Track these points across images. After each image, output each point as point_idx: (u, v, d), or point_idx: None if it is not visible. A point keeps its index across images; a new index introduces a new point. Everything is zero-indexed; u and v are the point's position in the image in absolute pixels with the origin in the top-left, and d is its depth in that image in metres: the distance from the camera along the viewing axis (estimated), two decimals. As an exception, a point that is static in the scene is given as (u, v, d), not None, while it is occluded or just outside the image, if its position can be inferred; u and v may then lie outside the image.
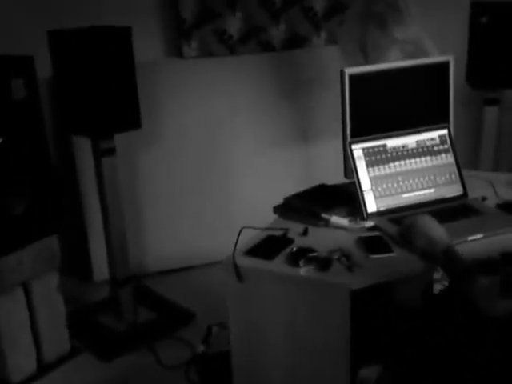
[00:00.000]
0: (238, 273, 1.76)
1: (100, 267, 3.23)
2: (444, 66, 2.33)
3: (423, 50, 3.04)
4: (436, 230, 1.79)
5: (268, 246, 1.87)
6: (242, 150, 3.53)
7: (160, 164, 3.37)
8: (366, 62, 3.13)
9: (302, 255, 1.75)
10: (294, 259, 1.75)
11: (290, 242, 1.89)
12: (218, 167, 3.49)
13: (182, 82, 3.36)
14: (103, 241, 2.86)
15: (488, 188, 2.31)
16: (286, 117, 3.60)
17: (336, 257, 1.76)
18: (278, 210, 2.16)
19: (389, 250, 1.81)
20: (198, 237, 3.47)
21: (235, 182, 3.54)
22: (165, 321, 2.97)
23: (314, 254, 1.75)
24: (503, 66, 3.19)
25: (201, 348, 2.68)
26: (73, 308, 2.96)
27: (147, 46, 3.22)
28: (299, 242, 1.90)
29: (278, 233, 1.97)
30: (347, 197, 2.16)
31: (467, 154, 3.14)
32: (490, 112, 3.43)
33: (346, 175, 2.21)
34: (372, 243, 1.86)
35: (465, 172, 2.21)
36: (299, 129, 3.65)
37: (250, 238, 1.96)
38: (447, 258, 1.70)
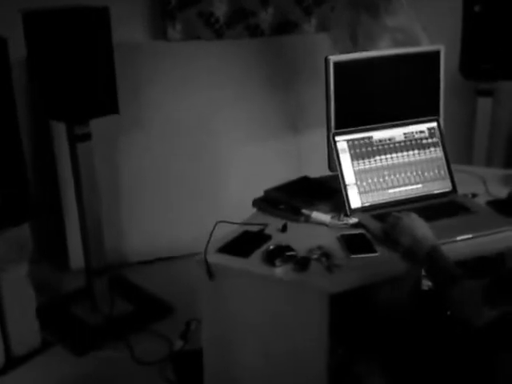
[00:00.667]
0: (209, 271, 1.66)
1: (77, 254, 3.11)
2: (435, 56, 2.22)
3: (414, 39, 2.96)
4: (421, 228, 1.69)
5: (243, 243, 1.77)
6: (229, 138, 3.42)
7: (142, 152, 3.26)
8: (356, 51, 3.03)
9: (278, 254, 1.65)
10: (271, 258, 1.65)
11: (268, 238, 1.79)
12: (203, 156, 3.38)
13: (167, 66, 3.24)
14: (80, 227, 2.75)
15: (479, 184, 2.22)
16: (275, 105, 3.49)
17: (315, 256, 1.66)
18: (257, 203, 2.06)
19: (371, 250, 1.71)
20: (181, 227, 3.36)
21: (221, 171, 3.43)
22: (142, 314, 2.87)
23: (292, 253, 1.65)
24: (497, 56, 3.10)
25: (179, 344, 2.58)
26: (46, 297, 2.85)
27: (130, 28, 3.14)
28: (277, 238, 1.79)
29: (256, 228, 1.86)
30: (331, 191, 2.06)
31: (459, 148, 3.05)
32: (484, 103, 3.33)
33: (329, 168, 2.11)
34: (354, 242, 1.76)
35: (455, 167, 2.12)
36: (289, 118, 3.55)
37: (226, 233, 1.86)
38: (431, 259, 1.61)
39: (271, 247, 1.69)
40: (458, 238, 1.77)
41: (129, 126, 3.16)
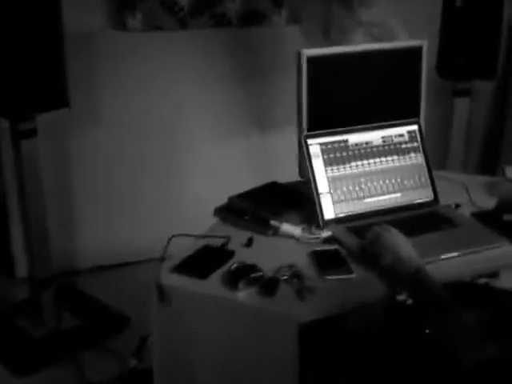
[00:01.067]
0: (162, 294, 1.44)
1: (23, 262, 2.86)
2: (416, 52, 2.03)
3: (391, 35, 2.78)
4: (404, 246, 1.50)
5: (203, 260, 1.55)
6: (191, 136, 3.19)
7: (97, 150, 3.02)
8: (329, 45, 2.84)
9: (242, 275, 1.44)
10: (233, 280, 1.43)
11: (230, 255, 1.57)
12: (162, 156, 3.16)
13: (126, 58, 3.01)
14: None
15: (461, 192, 2.04)
16: (242, 101, 3.28)
17: (284, 277, 1.45)
18: (219, 212, 1.84)
19: (347, 270, 1.51)
20: (138, 230, 3.14)
21: (181, 173, 3.21)
22: (93, 327, 2.63)
23: (258, 274, 1.43)
24: (476, 54, 2.94)
25: (132, 362, 2.35)
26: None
27: (86, 16, 2.87)
28: (241, 255, 1.58)
29: (218, 242, 1.65)
30: (302, 199, 1.86)
31: (434, 150, 2.88)
32: (461, 104, 3.17)
33: (300, 174, 1.91)
34: (328, 260, 1.56)
35: (434, 173, 1.93)
36: (256, 115, 3.33)
37: (184, 245, 1.64)
38: (416, 282, 1.42)
39: (234, 266, 1.47)
40: (443, 257, 1.58)
41: (83, 122, 2.93)
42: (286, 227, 1.70)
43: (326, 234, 1.70)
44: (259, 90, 3.31)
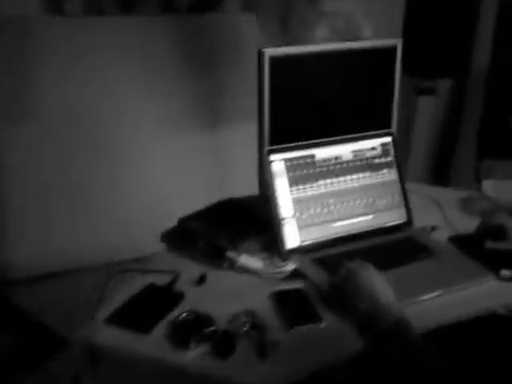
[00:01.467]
0: (92, 353, 1.19)
1: None
2: (389, 53, 1.81)
3: (355, 28, 2.57)
4: (383, 289, 1.29)
5: (144, 307, 1.30)
6: (133, 136, 2.90)
7: (29, 147, 2.70)
8: (287, 38, 2.61)
9: (193, 329, 1.19)
10: (180, 336, 1.19)
11: (179, 298, 1.33)
12: (102, 152, 2.86)
13: (63, 45, 2.70)
14: None
15: (433, 209, 1.87)
16: (190, 97, 3.01)
17: (244, 329, 1.22)
18: (167, 238, 1.59)
19: (315, 317, 1.29)
20: (77, 235, 2.85)
21: (123, 171, 2.92)
22: (27, 348, 2.34)
23: (211, 329, 1.19)
24: (441, 52, 2.78)
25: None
26: None
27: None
28: (192, 296, 1.34)
29: (165, 277, 1.40)
30: (263, 220, 1.62)
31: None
32: (424, 103, 3.00)
33: (260, 190, 1.68)
34: (293, 303, 1.33)
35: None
36: (207, 112, 3.07)
37: (124, 281, 1.40)
38: (395, 337, 1.20)
39: (182, 317, 1.23)
40: (424, 298, 1.38)
41: (12, 114, 2.61)
42: (245, 260, 1.47)
43: (290, 267, 1.47)
44: (211, 81, 3.05)
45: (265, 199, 1.63)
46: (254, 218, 1.66)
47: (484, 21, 2.89)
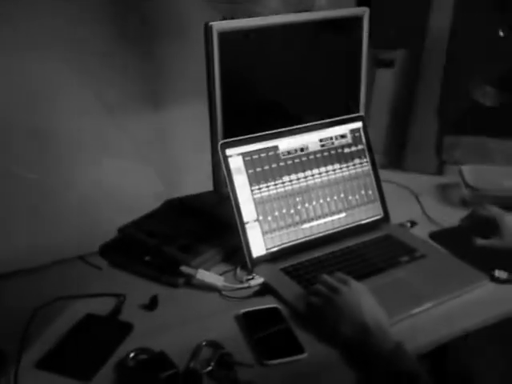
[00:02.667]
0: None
1: None
2: (355, 23, 1.59)
3: (310, -1, 2.33)
4: (372, 308, 1.09)
5: (82, 346, 1.06)
6: (63, 120, 2.58)
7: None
8: (234, 10, 2.35)
9: (148, 373, 0.96)
10: (131, 381, 0.96)
11: (126, 331, 1.09)
12: (38, 138, 2.53)
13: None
14: None
15: (410, 200, 1.68)
16: (130, 74, 2.70)
17: (208, 368, 1.00)
18: (106, 252, 1.34)
19: (296, 347, 1.07)
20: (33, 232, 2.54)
21: (66, 158, 2.60)
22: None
23: (171, 372, 0.97)
24: (398, 20, 2.57)
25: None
26: None
27: None
28: (142, 327, 1.11)
29: (107, 305, 1.16)
30: (221, 223, 1.40)
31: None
32: (383, 76, 2.79)
33: (216, 191, 1.45)
34: (266, 328, 1.11)
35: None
36: (150, 90, 2.77)
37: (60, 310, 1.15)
38: (391, 363, 1.01)
39: (131, 357, 1.00)
40: (415, 311, 1.18)
41: None
42: (203, 275, 1.24)
43: (257, 280, 1.26)
44: (153, 57, 2.75)
45: (221, 198, 1.41)
46: (209, 222, 1.43)
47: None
